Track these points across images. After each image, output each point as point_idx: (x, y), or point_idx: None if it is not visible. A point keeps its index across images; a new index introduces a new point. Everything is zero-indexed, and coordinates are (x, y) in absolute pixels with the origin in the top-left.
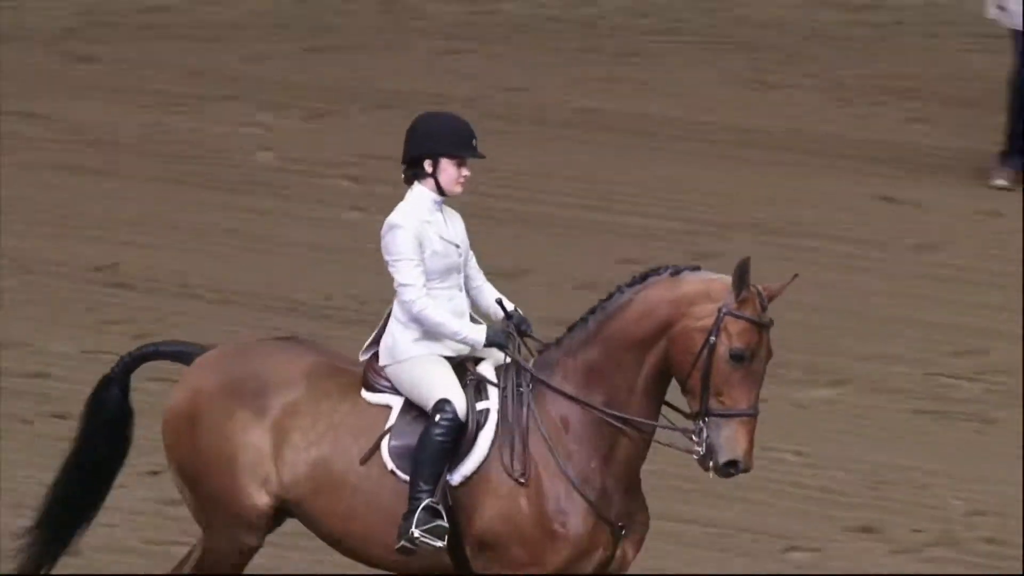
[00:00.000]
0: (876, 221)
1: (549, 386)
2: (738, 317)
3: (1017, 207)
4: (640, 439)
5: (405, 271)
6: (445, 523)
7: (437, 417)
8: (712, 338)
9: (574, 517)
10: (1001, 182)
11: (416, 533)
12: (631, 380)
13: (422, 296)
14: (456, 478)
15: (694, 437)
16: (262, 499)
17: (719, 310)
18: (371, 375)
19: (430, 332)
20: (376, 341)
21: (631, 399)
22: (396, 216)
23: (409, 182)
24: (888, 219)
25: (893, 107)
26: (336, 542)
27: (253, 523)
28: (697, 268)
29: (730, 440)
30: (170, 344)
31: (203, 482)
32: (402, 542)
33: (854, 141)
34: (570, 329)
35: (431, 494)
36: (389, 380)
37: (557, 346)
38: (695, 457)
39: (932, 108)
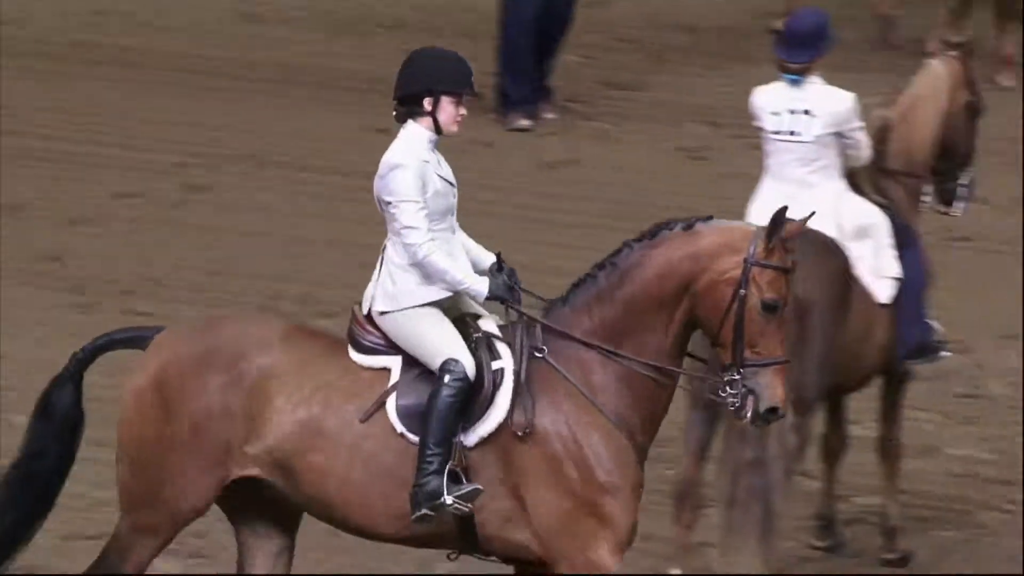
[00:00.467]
0: (370, 152)
1: (576, 340)
2: (766, 267)
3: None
4: (667, 393)
5: (409, 213)
6: (480, 487)
7: (446, 377)
8: (742, 291)
9: (618, 465)
10: (523, 123)
11: (449, 500)
12: (660, 339)
13: (427, 240)
14: (472, 439)
15: (729, 388)
16: (232, 466)
17: (745, 261)
18: (359, 331)
19: (431, 277)
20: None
21: (660, 357)
22: (396, 155)
23: (402, 119)
24: (381, 150)
25: (384, 39)
26: (326, 506)
27: (212, 491)
28: (710, 218)
29: (769, 388)
30: (124, 331)
31: (168, 455)
32: (423, 510)
33: (347, 72)
34: (575, 286)
35: (445, 457)
36: (382, 332)
37: (564, 303)
38: (731, 408)
39: (423, 39)
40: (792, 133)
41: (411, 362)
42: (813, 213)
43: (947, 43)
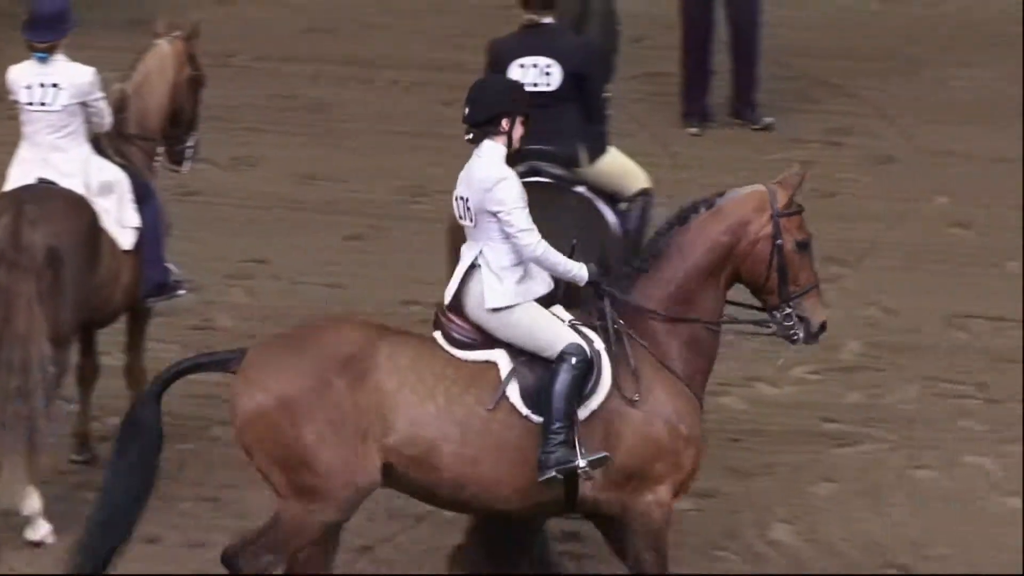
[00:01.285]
0: None
1: (651, 312)
2: (791, 215)
3: None
4: (716, 347)
5: (522, 217)
6: (609, 455)
7: (573, 360)
8: (779, 240)
9: (693, 419)
10: None
11: (582, 463)
12: (711, 302)
13: (540, 239)
14: (583, 413)
15: (785, 322)
16: (375, 460)
17: (772, 216)
18: (455, 328)
19: (532, 272)
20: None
21: (715, 316)
22: (500, 168)
23: (478, 140)
24: None
25: None
26: (458, 488)
27: (365, 487)
28: (721, 194)
29: (815, 310)
30: (206, 355)
31: (313, 462)
32: (553, 473)
33: None
34: (621, 275)
35: (569, 430)
36: (476, 327)
37: (620, 283)
38: (796, 337)
39: None
40: (43, 104)
41: (515, 352)
42: (805, 168)
43: (171, 25)
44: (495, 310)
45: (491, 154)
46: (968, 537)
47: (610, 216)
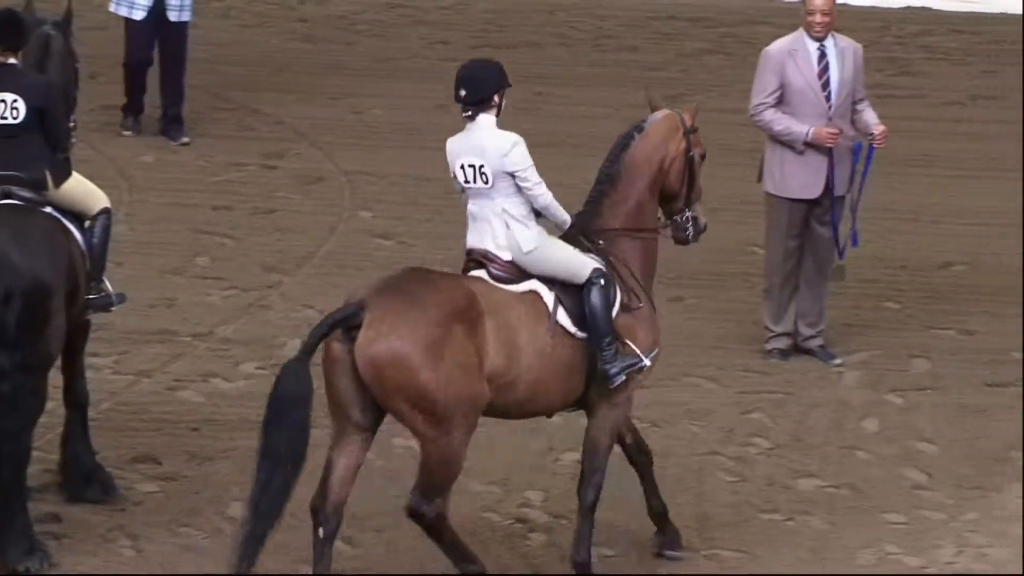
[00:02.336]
0: None
1: (618, 231)
2: (694, 131)
3: None
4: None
5: (535, 174)
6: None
7: (602, 281)
8: (691, 153)
9: (651, 308)
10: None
11: (647, 361)
12: (653, 211)
13: (548, 190)
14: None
15: (685, 225)
16: (486, 390)
17: (684, 134)
18: (494, 267)
19: (541, 217)
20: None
21: (655, 223)
22: (510, 135)
23: (474, 115)
24: None
25: None
26: (527, 403)
27: (478, 415)
28: (643, 121)
29: (702, 212)
30: (332, 315)
31: (444, 397)
32: (623, 376)
33: None
34: (587, 202)
35: (614, 339)
36: (520, 269)
37: (594, 214)
38: (689, 236)
39: None
40: None
41: (547, 281)
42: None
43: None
44: (529, 252)
45: (491, 124)
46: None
47: (76, 233)
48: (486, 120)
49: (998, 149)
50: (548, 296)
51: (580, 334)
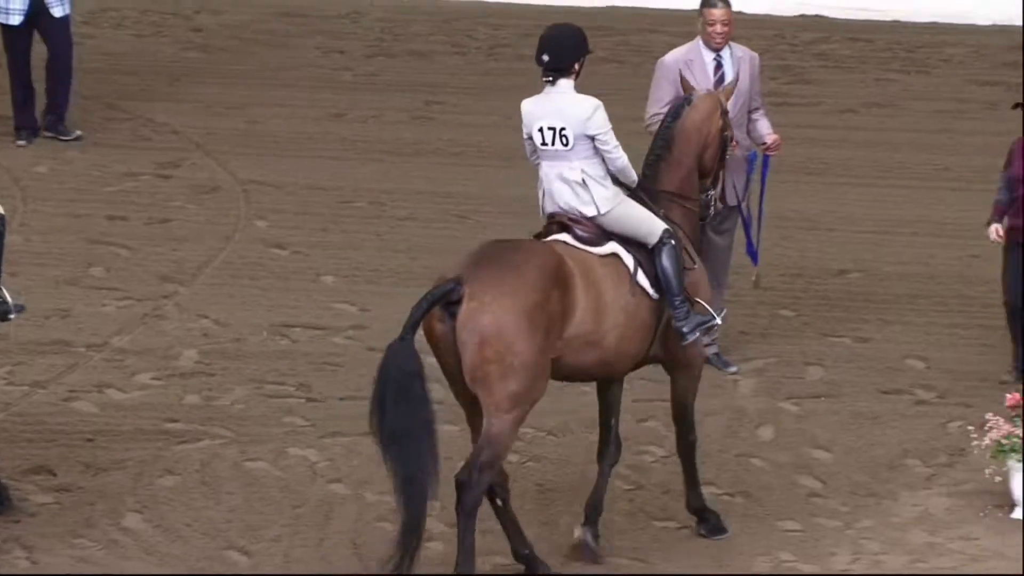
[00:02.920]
0: None
1: (672, 194)
2: (728, 112)
3: None
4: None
5: (613, 136)
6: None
7: (672, 242)
8: (726, 133)
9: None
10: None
11: (719, 320)
12: (696, 179)
13: (624, 153)
14: None
15: (710, 203)
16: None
17: (723, 114)
18: (583, 231)
19: (617, 178)
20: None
21: (697, 192)
22: (591, 99)
23: (555, 80)
24: None
25: None
26: (607, 364)
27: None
28: (690, 95)
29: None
30: (431, 293)
31: (535, 369)
32: (697, 333)
33: None
34: (647, 164)
35: (684, 297)
36: (599, 227)
37: (650, 175)
38: (710, 214)
39: None
40: None
41: (623, 241)
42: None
43: None
44: (606, 213)
45: (571, 89)
46: (301, 518)
47: None
48: (566, 84)
49: (892, 157)
50: (628, 258)
51: (655, 294)
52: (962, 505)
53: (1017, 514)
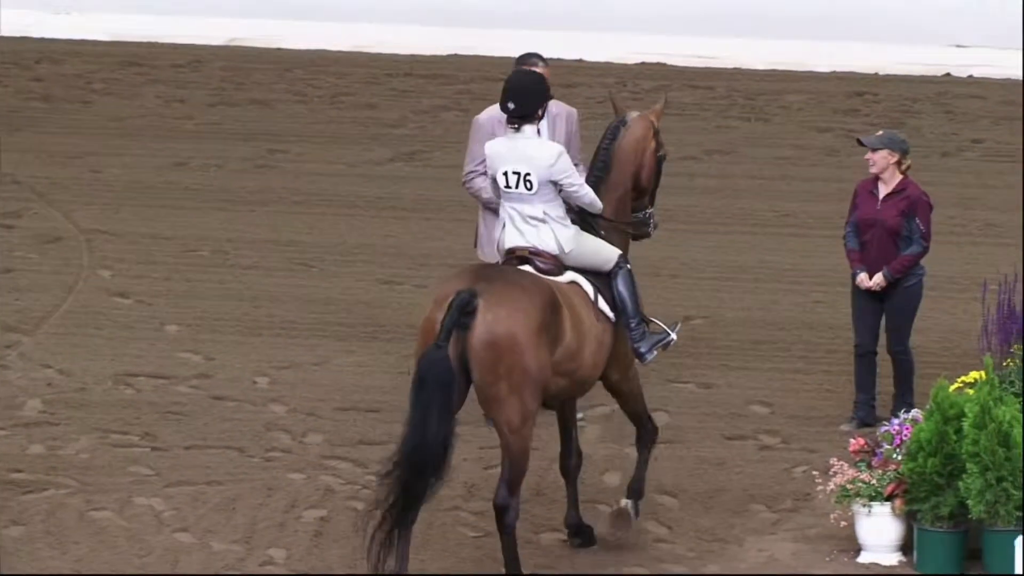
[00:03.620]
0: None
1: (612, 222)
2: (659, 131)
3: None
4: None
5: (578, 176)
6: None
7: (627, 266)
8: (661, 152)
9: None
10: None
11: (674, 336)
12: (630, 201)
13: (588, 186)
14: None
15: (647, 220)
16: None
17: (655, 132)
18: (543, 263)
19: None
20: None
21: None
22: (555, 144)
23: (519, 126)
24: None
25: None
26: (584, 380)
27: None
28: (624, 117)
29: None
30: (456, 307)
31: (541, 384)
32: (655, 352)
33: None
34: (594, 183)
35: (641, 319)
36: (557, 259)
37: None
38: (651, 230)
39: None
40: None
41: (580, 271)
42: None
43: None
44: (571, 250)
45: (535, 135)
46: (147, 567)
47: None
48: (531, 130)
49: (734, 203)
50: (587, 286)
51: (612, 317)
52: (808, 550)
53: (863, 558)
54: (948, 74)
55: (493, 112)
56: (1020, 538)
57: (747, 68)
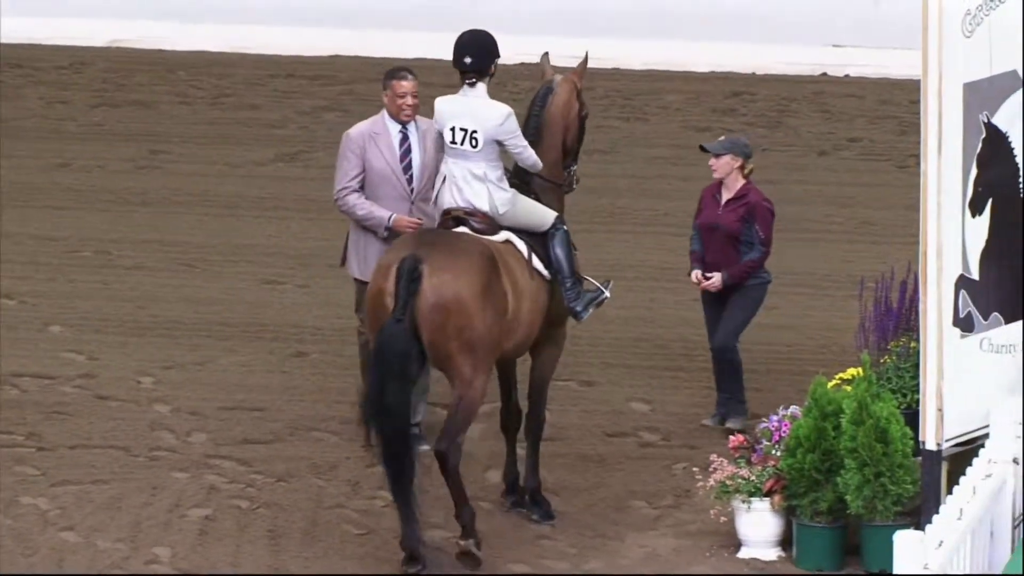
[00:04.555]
0: None
1: (550, 185)
2: (581, 90)
3: None
4: None
5: (523, 138)
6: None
7: (563, 228)
8: (584, 112)
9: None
10: None
11: (607, 294)
12: (561, 160)
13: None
14: None
15: (572, 179)
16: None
17: (579, 93)
18: (476, 223)
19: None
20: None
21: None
22: (503, 105)
23: (474, 82)
24: None
25: None
26: (520, 345)
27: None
28: (551, 81)
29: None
30: (403, 266)
31: (491, 342)
32: (591, 310)
33: None
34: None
35: (577, 278)
36: (492, 219)
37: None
38: (574, 186)
39: None
40: None
41: (515, 231)
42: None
43: None
44: (506, 211)
45: (485, 94)
46: (33, 567)
47: None
48: (482, 88)
49: (614, 203)
50: (521, 244)
51: (548, 275)
52: (688, 545)
53: (743, 553)
54: (825, 74)
55: (363, 127)
56: (898, 533)
57: (625, 68)
